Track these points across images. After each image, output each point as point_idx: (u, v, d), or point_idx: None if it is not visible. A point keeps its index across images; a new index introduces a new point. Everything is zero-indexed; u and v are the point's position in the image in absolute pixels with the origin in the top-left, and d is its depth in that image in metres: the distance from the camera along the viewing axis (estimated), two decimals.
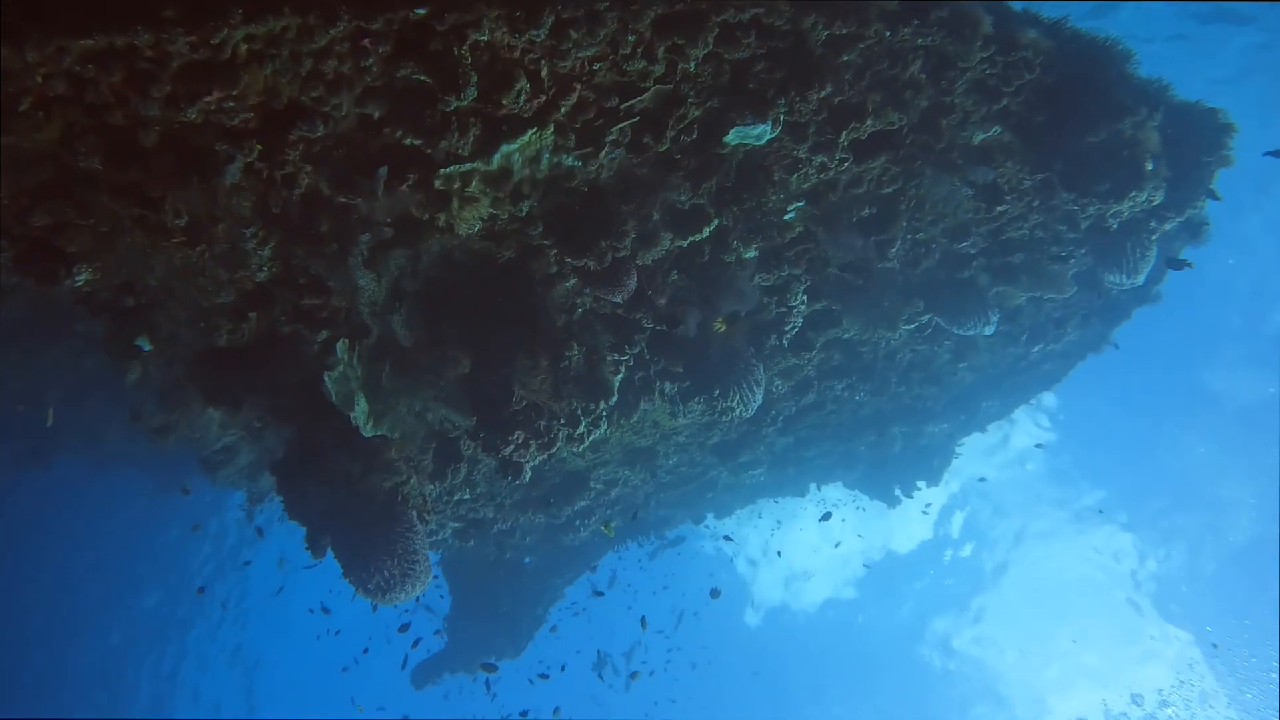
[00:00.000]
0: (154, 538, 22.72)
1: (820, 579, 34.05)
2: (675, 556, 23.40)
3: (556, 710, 14.73)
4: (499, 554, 11.78)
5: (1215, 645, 25.50)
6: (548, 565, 12.82)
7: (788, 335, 7.60)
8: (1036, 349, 9.68)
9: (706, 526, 15.15)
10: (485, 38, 4.35)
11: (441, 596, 14.01)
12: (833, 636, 35.12)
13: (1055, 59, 5.78)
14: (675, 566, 25.22)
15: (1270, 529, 24.23)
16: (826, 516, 15.95)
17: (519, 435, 5.94)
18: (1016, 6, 5.73)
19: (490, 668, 11.89)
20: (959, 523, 30.88)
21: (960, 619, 32.25)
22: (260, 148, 4.51)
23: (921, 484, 13.06)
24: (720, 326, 6.40)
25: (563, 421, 6.07)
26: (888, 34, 5.14)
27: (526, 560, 12.94)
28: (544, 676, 10.36)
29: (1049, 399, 24.87)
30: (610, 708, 29.06)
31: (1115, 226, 7.12)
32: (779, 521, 26.94)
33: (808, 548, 30.77)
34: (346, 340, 5.52)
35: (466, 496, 9.28)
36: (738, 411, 7.28)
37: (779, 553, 30.03)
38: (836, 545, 29.54)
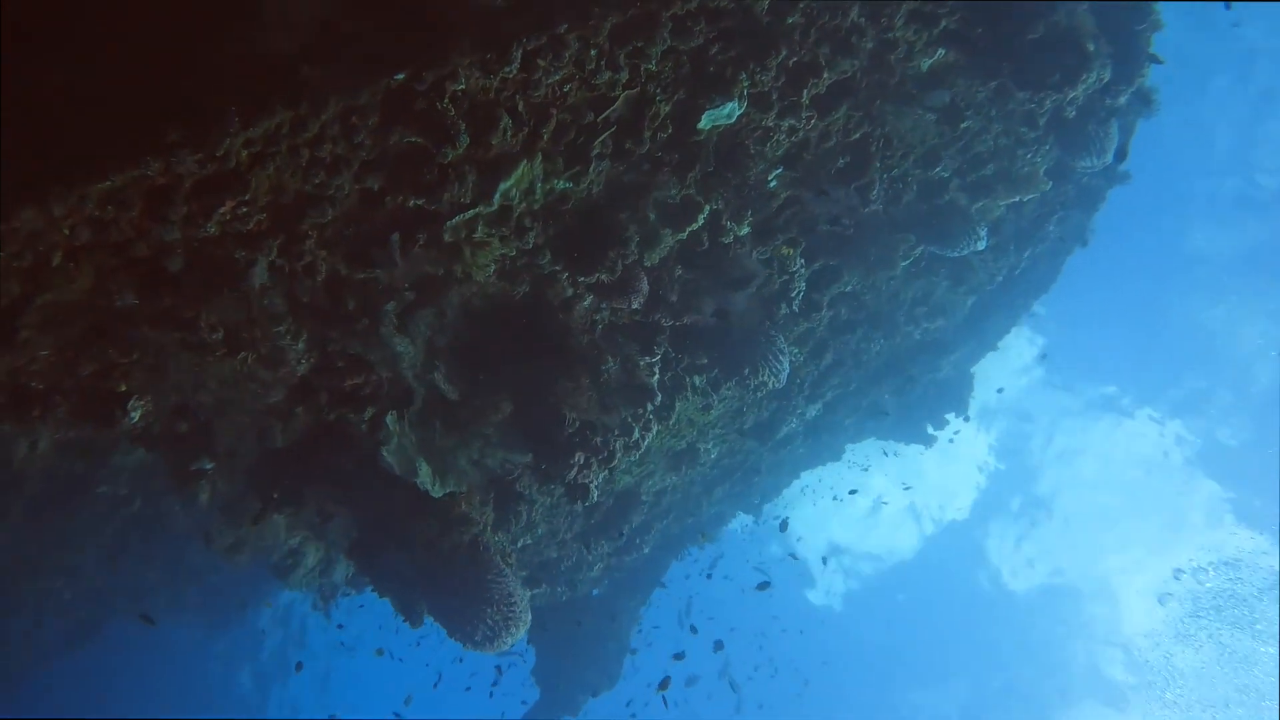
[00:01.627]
0: (219, 676, 22.59)
1: (885, 540, 34.14)
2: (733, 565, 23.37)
3: None
4: (570, 592, 11.84)
5: None
6: (617, 590, 12.89)
7: (795, 300, 7.80)
8: (1026, 254, 9.95)
9: (757, 520, 15.26)
10: (463, 86, 4.55)
11: (521, 652, 14.03)
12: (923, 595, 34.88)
13: None
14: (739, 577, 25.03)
15: None
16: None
17: (580, 456, 6.09)
18: None
19: None
20: (994, 445, 31.12)
21: (1019, 539, 32.29)
22: (278, 245, 4.68)
23: (950, 415, 13.27)
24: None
25: (616, 432, 6.22)
26: None
27: (595, 593, 13.00)
28: (663, 686, 10.41)
29: (1039, 307, 25.17)
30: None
31: (1073, 114, 7.39)
32: (837, 497, 26.85)
33: (860, 516, 30.92)
34: (394, 412, 5.66)
35: (529, 541, 9.38)
36: (770, 384, 7.46)
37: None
38: (885, 503, 29.56)
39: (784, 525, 14.25)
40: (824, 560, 33.02)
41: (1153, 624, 29.01)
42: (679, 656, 12.28)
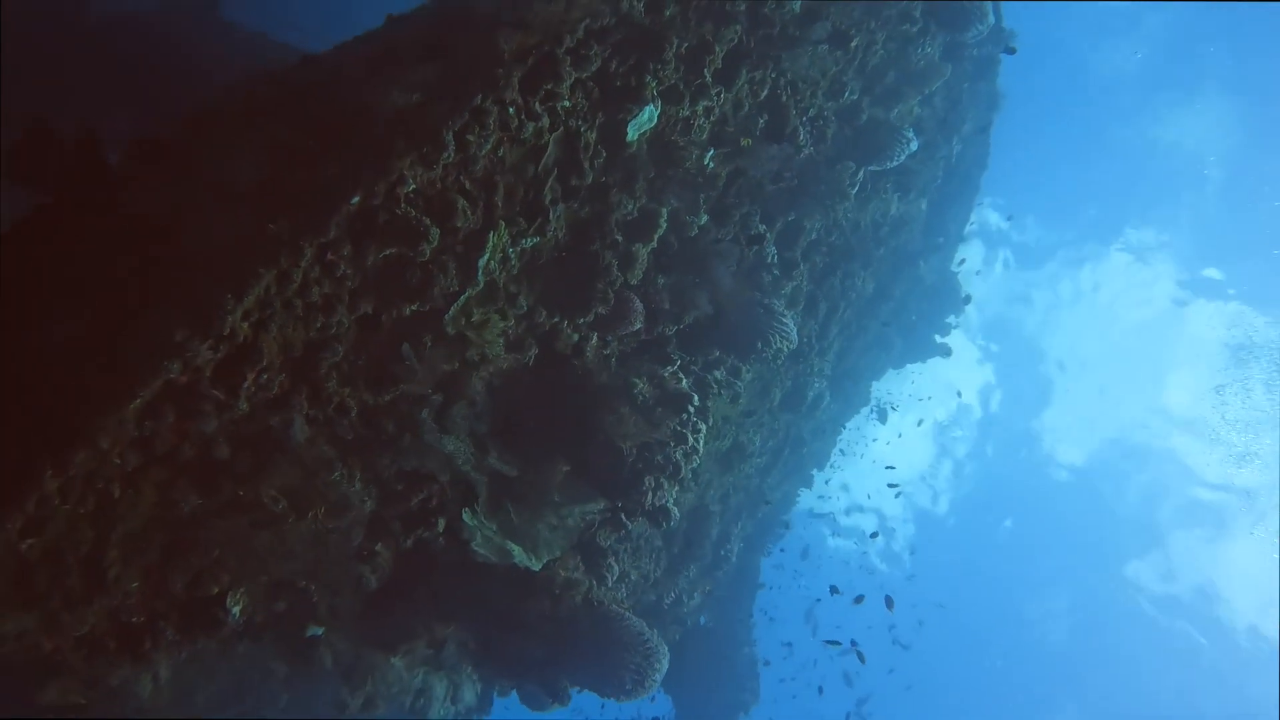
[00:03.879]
0: None
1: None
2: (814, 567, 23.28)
3: None
4: (680, 628, 11.81)
5: None
6: (722, 608, 12.86)
7: (774, 267, 8.02)
8: (955, 141, 10.27)
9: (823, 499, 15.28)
10: (413, 186, 4.75)
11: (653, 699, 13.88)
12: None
13: None
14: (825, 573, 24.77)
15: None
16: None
17: (649, 480, 6.20)
18: None
19: None
20: (993, 349, 31.33)
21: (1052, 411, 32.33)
22: (305, 398, 4.82)
23: (950, 318, 13.51)
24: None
25: (672, 444, 6.35)
26: None
27: (703, 620, 12.97)
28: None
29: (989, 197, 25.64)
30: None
31: None
32: (890, 468, 26.61)
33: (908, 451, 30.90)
34: (467, 508, 5.77)
35: (624, 594, 9.41)
36: (785, 347, 7.63)
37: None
38: (919, 422, 29.36)
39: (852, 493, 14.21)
40: (872, 535, 32.85)
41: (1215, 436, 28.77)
42: (835, 590, 12.13)
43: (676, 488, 6.52)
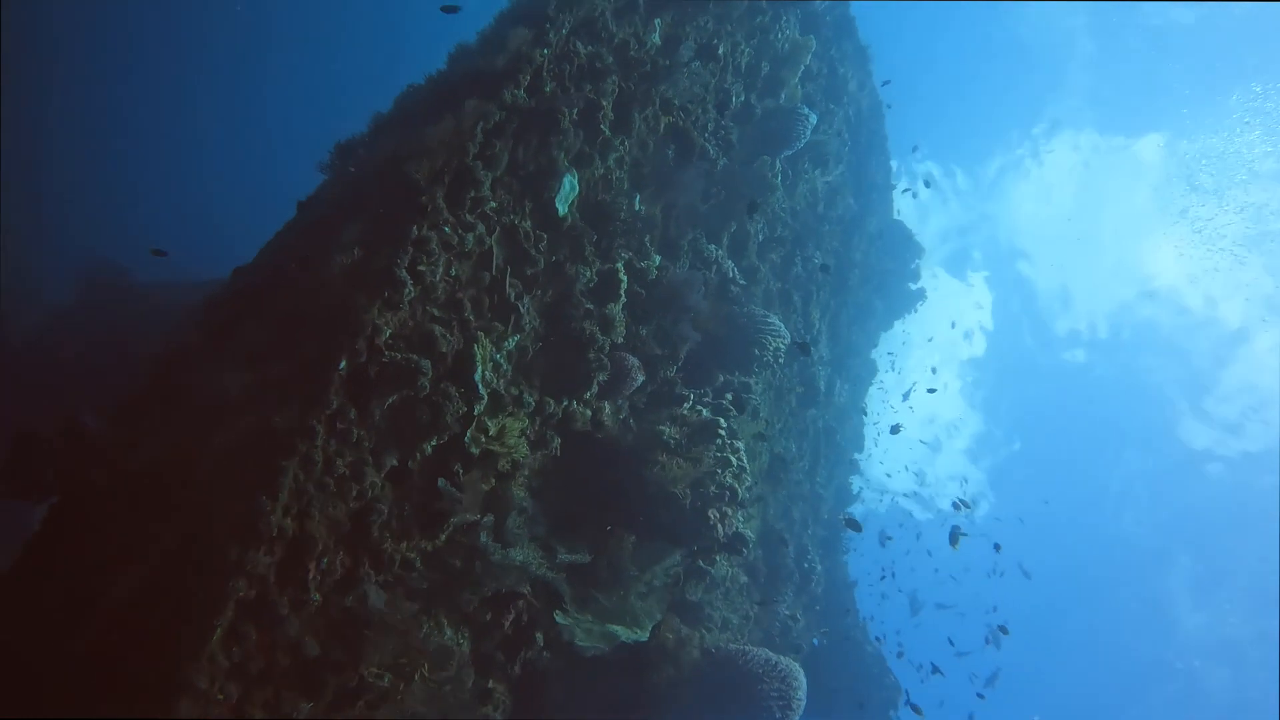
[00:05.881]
0: None
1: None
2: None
3: None
4: (797, 655, 11.60)
5: None
6: (829, 619, 12.66)
7: (736, 280, 8.20)
8: (844, 102, 10.65)
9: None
10: (389, 331, 4.88)
11: None
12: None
13: None
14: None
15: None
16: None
17: (713, 513, 6.22)
18: None
19: None
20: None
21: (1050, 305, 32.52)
22: (369, 566, 4.84)
23: (916, 262, 13.76)
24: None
25: (719, 470, 6.39)
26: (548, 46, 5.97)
27: (815, 641, 12.74)
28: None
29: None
30: None
31: None
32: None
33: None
34: (558, 610, 5.74)
35: (729, 636, 9.28)
36: (780, 344, 7.76)
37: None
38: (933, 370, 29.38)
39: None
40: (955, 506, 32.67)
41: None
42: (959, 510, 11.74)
43: (740, 511, 6.54)
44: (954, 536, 12.00)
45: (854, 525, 10.30)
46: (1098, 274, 30.94)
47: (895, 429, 13.76)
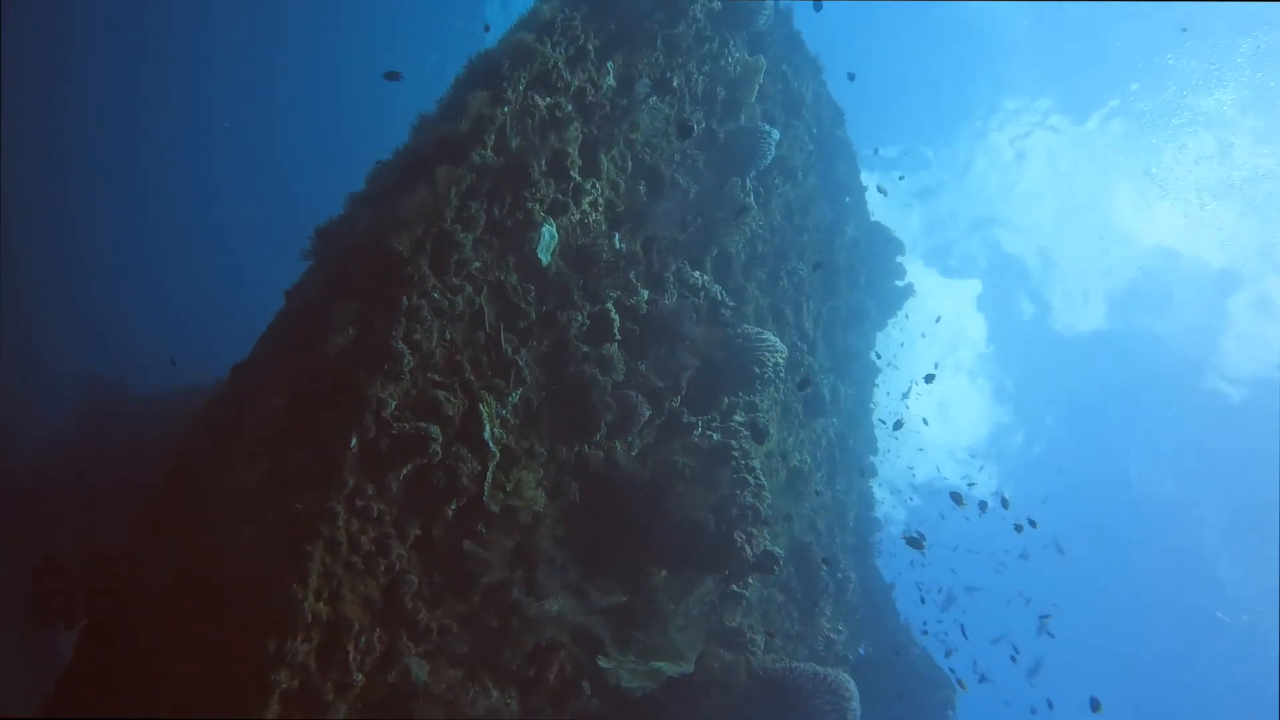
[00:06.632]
0: None
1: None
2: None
3: None
4: (845, 667, 11.50)
5: None
6: (871, 628, 12.56)
7: (725, 302, 8.28)
8: (804, 114, 10.82)
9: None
10: (394, 403, 4.93)
11: None
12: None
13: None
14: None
15: None
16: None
17: (739, 535, 6.22)
18: None
19: None
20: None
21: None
22: (408, 638, 4.84)
23: (899, 258, 13.89)
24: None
25: (739, 491, 6.40)
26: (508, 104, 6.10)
27: (861, 651, 12.63)
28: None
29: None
30: None
31: (717, 4, 8.34)
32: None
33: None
34: (600, 655, 5.72)
35: (773, 656, 9.21)
36: (778, 358, 7.81)
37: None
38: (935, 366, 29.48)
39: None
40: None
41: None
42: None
43: (765, 529, 6.54)
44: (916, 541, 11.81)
45: (915, 544, 10.33)
46: (1083, 240, 31.25)
47: (897, 425, 13.76)
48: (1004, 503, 11.96)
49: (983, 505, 13.08)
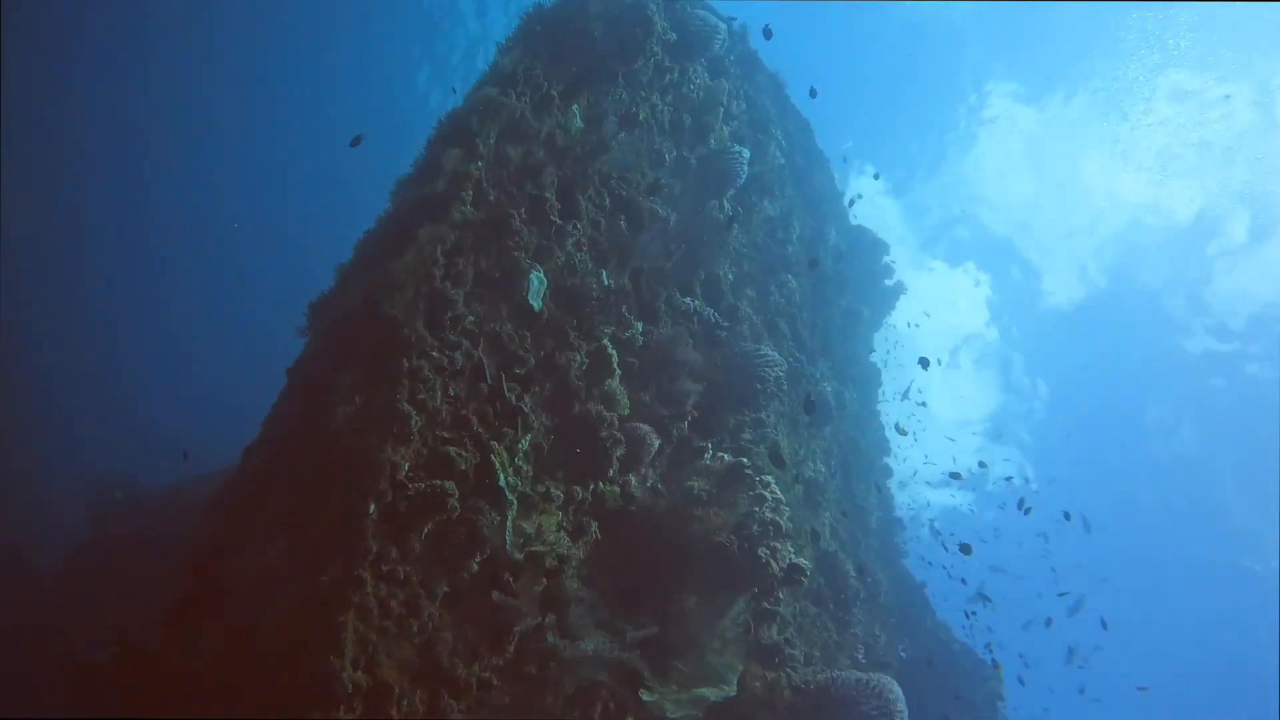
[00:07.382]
0: None
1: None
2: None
3: None
4: (888, 672, 11.43)
5: None
6: (909, 629, 12.51)
7: (721, 325, 8.38)
8: (774, 129, 11.00)
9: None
10: (407, 465, 4.98)
11: None
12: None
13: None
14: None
15: None
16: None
17: (763, 552, 6.25)
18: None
19: None
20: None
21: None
22: (449, 697, 4.85)
23: (887, 258, 14.03)
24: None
25: (757, 508, 6.43)
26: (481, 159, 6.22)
27: (902, 654, 12.56)
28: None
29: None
30: None
31: (672, 37, 8.51)
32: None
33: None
34: (641, 689, 5.72)
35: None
36: (778, 372, 7.89)
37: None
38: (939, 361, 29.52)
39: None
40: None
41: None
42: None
43: (788, 542, 6.57)
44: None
45: (966, 550, 10.41)
46: (1064, 213, 31.57)
47: (898, 428, 13.83)
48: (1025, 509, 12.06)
49: (1024, 506, 13.12)
